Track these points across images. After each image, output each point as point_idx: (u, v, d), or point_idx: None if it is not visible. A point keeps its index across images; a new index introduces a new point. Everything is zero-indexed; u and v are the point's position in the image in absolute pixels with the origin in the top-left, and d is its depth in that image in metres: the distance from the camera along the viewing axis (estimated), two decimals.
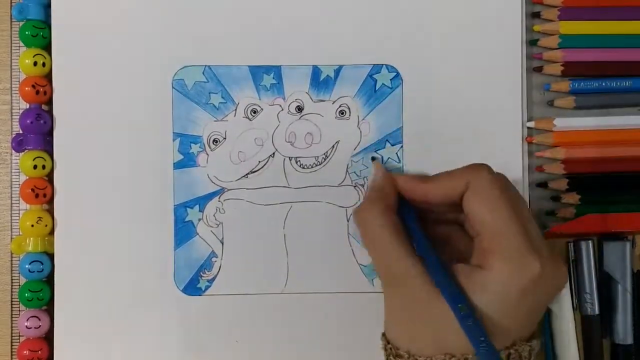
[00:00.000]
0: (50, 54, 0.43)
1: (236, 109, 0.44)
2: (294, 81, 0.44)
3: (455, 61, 0.44)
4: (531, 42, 0.44)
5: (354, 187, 0.44)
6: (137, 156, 0.43)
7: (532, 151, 0.44)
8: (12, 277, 0.44)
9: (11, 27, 0.44)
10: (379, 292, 0.43)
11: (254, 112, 0.44)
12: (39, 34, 0.42)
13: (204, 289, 0.43)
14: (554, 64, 0.44)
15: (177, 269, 0.43)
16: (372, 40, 0.44)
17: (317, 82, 0.44)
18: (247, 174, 0.44)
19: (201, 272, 0.43)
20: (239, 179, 0.44)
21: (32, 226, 0.42)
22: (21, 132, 0.43)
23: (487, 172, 0.36)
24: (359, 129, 0.44)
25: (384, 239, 0.36)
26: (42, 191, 0.43)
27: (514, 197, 0.36)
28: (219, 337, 0.43)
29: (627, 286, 0.43)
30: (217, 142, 0.43)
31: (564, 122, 0.44)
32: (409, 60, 0.44)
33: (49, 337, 0.43)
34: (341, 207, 0.44)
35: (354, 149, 0.44)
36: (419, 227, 0.37)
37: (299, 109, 0.44)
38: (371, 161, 0.43)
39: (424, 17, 0.44)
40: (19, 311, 0.43)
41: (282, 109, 0.44)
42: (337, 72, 0.44)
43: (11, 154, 0.44)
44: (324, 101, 0.44)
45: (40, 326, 0.42)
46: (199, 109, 0.43)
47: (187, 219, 0.43)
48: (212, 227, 0.43)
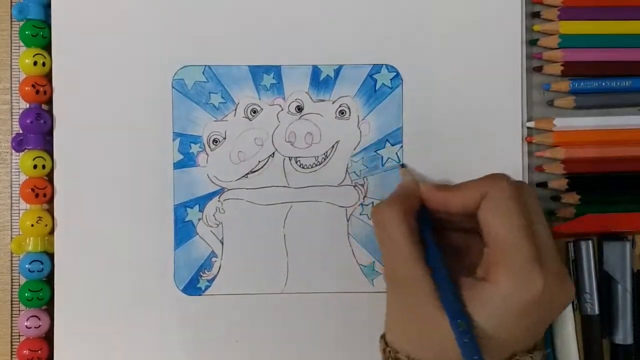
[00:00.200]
0: (50, 54, 0.43)
1: (236, 109, 0.44)
2: (294, 81, 0.44)
3: (455, 61, 0.44)
4: (531, 42, 0.44)
5: (354, 187, 0.44)
6: (137, 156, 0.43)
7: (532, 151, 0.44)
8: (12, 276, 0.44)
9: (11, 27, 0.44)
10: (379, 292, 0.43)
11: (254, 112, 0.44)
12: (39, 34, 0.43)
13: (204, 289, 0.43)
14: (554, 63, 0.44)
15: (177, 269, 0.43)
16: (372, 40, 0.44)
17: (317, 82, 0.44)
18: (247, 174, 0.44)
19: (201, 272, 0.43)
20: (239, 179, 0.44)
21: (32, 226, 0.42)
22: (21, 131, 0.43)
23: (505, 182, 0.36)
24: (359, 129, 0.44)
25: (398, 239, 0.36)
26: (42, 191, 0.43)
27: (531, 210, 0.35)
28: (219, 337, 0.43)
29: (627, 286, 0.43)
30: (217, 142, 0.43)
31: (564, 122, 0.44)
32: (409, 60, 0.44)
33: (49, 337, 0.43)
34: (341, 207, 0.44)
35: (354, 149, 0.44)
36: (434, 237, 0.37)
37: (299, 109, 0.44)
38: (400, 168, 0.43)
39: (424, 17, 0.44)
40: (19, 311, 0.43)
41: (282, 109, 0.44)
42: (337, 72, 0.44)
43: (11, 154, 0.44)
44: (324, 101, 0.44)
45: (40, 326, 0.42)
46: (199, 109, 0.43)
47: (187, 219, 0.43)
48: (212, 227, 0.43)
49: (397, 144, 0.44)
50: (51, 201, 0.43)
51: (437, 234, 0.38)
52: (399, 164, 0.43)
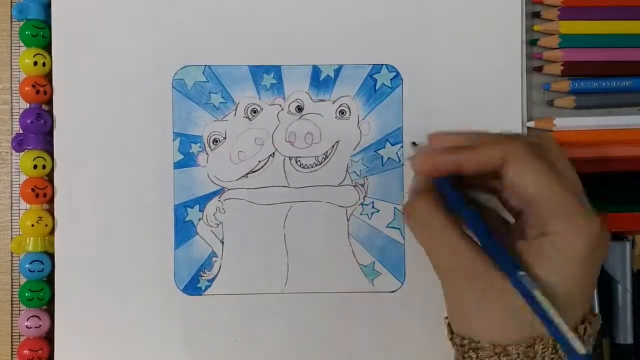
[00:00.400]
0: (50, 54, 0.43)
1: (236, 109, 0.44)
2: (294, 81, 0.44)
3: (455, 61, 0.44)
4: (531, 42, 0.44)
5: (354, 187, 0.44)
6: (137, 156, 0.43)
7: None
8: (12, 276, 0.44)
9: (11, 27, 0.44)
10: (379, 292, 0.43)
11: (254, 112, 0.44)
12: (39, 34, 0.43)
13: (204, 289, 0.43)
14: (554, 63, 0.44)
15: (177, 268, 0.43)
16: (372, 40, 0.44)
17: (317, 82, 0.44)
18: (247, 174, 0.44)
19: (201, 272, 0.43)
20: (239, 179, 0.44)
21: (32, 226, 0.42)
22: (21, 132, 0.43)
23: (526, 141, 0.35)
24: (359, 128, 0.44)
25: (444, 234, 0.35)
26: (42, 191, 0.43)
27: (558, 164, 0.35)
28: (219, 337, 0.43)
29: (627, 286, 0.43)
30: (217, 141, 0.43)
31: (564, 122, 0.44)
32: (409, 60, 0.44)
33: (49, 337, 0.43)
34: (341, 207, 0.44)
35: (354, 149, 0.44)
36: (474, 211, 0.36)
37: (299, 109, 0.44)
38: (412, 146, 0.42)
39: (424, 17, 0.44)
40: (19, 311, 0.43)
41: (282, 109, 0.44)
42: (337, 72, 0.44)
43: (11, 154, 0.44)
44: (324, 101, 0.44)
45: (40, 326, 0.42)
46: (199, 108, 0.43)
47: (187, 219, 0.43)
48: (212, 226, 0.43)
49: (397, 144, 0.44)
50: (51, 201, 0.43)
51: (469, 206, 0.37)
52: (411, 143, 0.42)
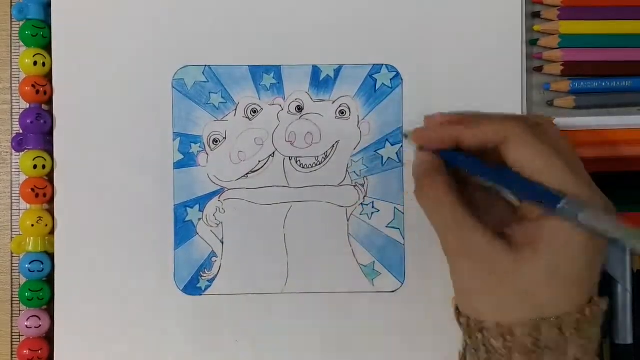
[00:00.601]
0: (50, 54, 0.43)
1: (236, 109, 0.44)
2: (294, 81, 0.44)
3: (455, 61, 0.44)
4: (531, 42, 0.44)
5: (354, 187, 0.44)
6: (137, 156, 0.43)
7: None
8: (12, 276, 0.44)
9: (11, 27, 0.44)
10: (379, 292, 0.43)
11: (254, 112, 0.44)
12: (39, 34, 0.43)
13: (204, 289, 0.43)
14: (554, 63, 0.44)
15: (177, 268, 0.43)
16: (372, 40, 0.44)
17: (317, 82, 0.44)
18: (247, 174, 0.44)
19: (201, 272, 0.43)
20: (239, 179, 0.44)
21: (32, 226, 0.42)
22: (21, 131, 0.43)
23: (525, 121, 0.37)
24: (359, 128, 0.44)
25: (455, 215, 0.36)
26: (42, 191, 0.43)
27: (559, 143, 0.37)
28: (219, 337, 0.43)
29: (627, 286, 0.43)
30: (217, 141, 0.43)
31: (564, 122, 0.44)
32: (409, 60, 0.44)
33: (49, 337, 0.43)
34: (341, 207, 0.44)
35: (354, 149, 0.44)
36: (482, 163, 0.38)
37: (299, 109, 0.44)
38: (404, 139, 0.43)
39: (424, 17, 0.44)
40: (19, 311, 0.44)
41: (282, 109, 0.44)
42: (337, 71, 0.44)
43: (11, 154, 0.44)
44: (324, 101, 0.44)
45: (40, 326, 0.42)
46: (199, 108, 0.43)
47: (187, 219, 0.43)
48: (212, 226, 0.43)
49: (397, 144, 0.44)
50: (51, 201, 0.43)
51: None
52: (403, 134, 0.43)
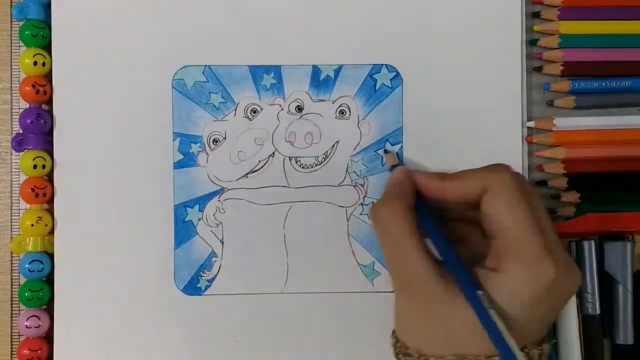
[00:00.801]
0: (50, 54, 0.43)
1: (236, 109, 0.44)
2: (294, 81, 0.44)
3: (455, 61, 0.44)
4: (531, 42, 0.44)
5: (354, 187, 0.44)
6: (137, 156, 0.43)
7: (532, 151, 0.44)
8: (12, 276, 0.44)
9: (11, 27, 0.44)
10: (379, 292, 0.43)
11: (254, 112, 0.44)
12: (39, 34, 0.43)
13: (203, 289, 0.43)
14: (554, 63, 0.44)
15: (177, 268, 0.43)
16: (372, 40, 0.44)
17: (317, 82, 0.44)
18: (247, 174, 0.44)
19: (201, 272, 0.43)
20: (239, 179, 0.44)
21: (32, 226, 0.42)
22: (21, 131, 0.43)
23: (508, 173, 0.35)
24: (359, 128, 0.44)
25: (402, 239, 0.35)
26: (42, 191, 0.43)
27: (534, 201, 0.35)
28: (219, 337, 0.43)
29: (627, 286, 0.43)
30: (217, 141, 0.43)
31: (564, 122, 0.44)
32: (409, 60, 0.44)
33: (49, 337, 0.43)
34: (341, 207, 0.44)
35: (354, 149, 0.44)
36: (438, 227, 0.37)
37: (299, 109, 0.44)
38: (384, 154, 0.43)
39: (424, 17, 0.44)
40: (19, 311, 0.43)
41: (282, 109, 0.44)
42: (337, 72, 0.44)
43: (11, 154, 0.44)
44: (324, 101, 0.44)
45: (40, 326, 0.42)
46: (199, 108, 0.43)
47: (187, 219, 0.43)
48: (212, 227, 0.43)
49: (397, 144, 0.44)
50: (51, 201, 0.43)
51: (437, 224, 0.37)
52: (382, 150, 0.43)
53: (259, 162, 0.44)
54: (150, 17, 0.43)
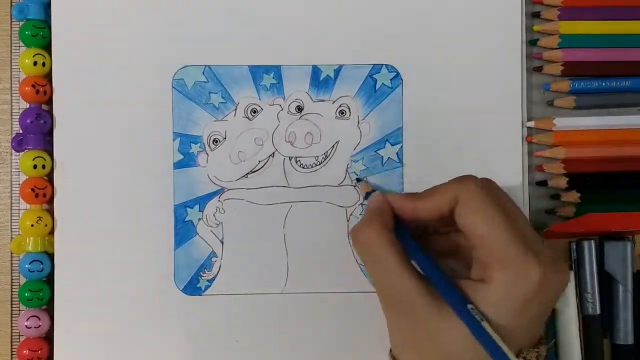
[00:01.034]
0: (50, 54, 0.43)
1: (236, 109, 0.44)
2: (293, 81, 0.44)
3: (455, 61, 0.44)
4: (531, 42, 0.44)
5: (354, 187, 0.44)
6: (137, 156, 0.43)
7: (532, 151, 0.44)
8: (12, 276, 0.44)
9: (11, 27, 0.44)
10: None
11: (254, 112, 0.44)
12: (39, 34, 0.43)
13: (203, 289, 0.43)
14: (554, 63, 0.44)
15: (177, 268, 0.43)
16: (372, 40, 0.44)
17: (317, 82, 0.44)
18: (247, 174, 0.44)
19: (201, 272, 0.43)
20: (239, 179, 0.44)
21: (32, 226, 0.42)
22: (21, 131, 0.43)
23: (474, 183, 0.35)
24: (359, 128, 0.44)
25: (386, 260, 0.35)
26: (42, 191, 0.43)
27: (506, 204, 0.35)
28: (219, 337, 0.43)
29: (627, 286, 0.43)
30: (217, 142, 0.43)
31: (564, 122, 0.44)
32: (409, 60, 0.44)
33: (49, 337, 0.43)
34: (341, 207, 0.44)
35: (354, 149, 0.44)
36: (419, 245, 0.37)
37: (299, 109, 0.44)
38: (357, 183, 0.43)
39: (424, 17, 0.44)
40: (19, 311, 0.43)
41: (282, 109, 0.44)
42: (337, 72, 0.44)
43: (11, 154, 0.44)
44: (324, 101, 0.44)
45: (40, 326, 0.42)
46: (199, 108, 0.43)
47: (187, 219, 0.43)
48: (212, 227, 0.43)
49: (397, 144, 0.44)
50: (51, 201, 0.43)
51: (422, 240, 0.37)
52: (355, 179, 0.43)
53: (259, 162, 0.44)
54: (150, 17, 0.43)
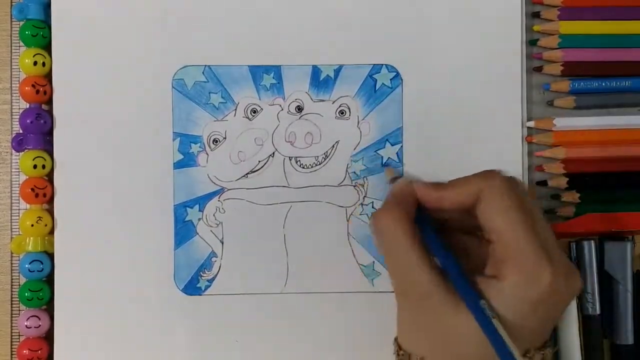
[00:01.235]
0: (50, 54, 0.43)
1: (236, 109, 0.44)
2: (293, 81, 0.44)
3: (455, 61, 0.44)
4: (531, 42, 0.44)
5: (354, 187, 0.44)
6: (137, 156, 0.43)
7: (532, 151, 0.44)
8: (12, 276, 0.44)
9: (11, 27, 0.44)
10: (379, 292, 0.43)
11: (254, 112, 0.44)
12: (39, 34, 0.43)
13: (203, 289, 0.43)
14: (554, 63, 0.44)
15: (177, 268, 0.43)
16: (372, 40, 0.44)
17: (317, 82, 0.44)
18: (247, 174, 0.44)
19: (201, 272, 0.43)
20: (239, 179, 0.44)
21: (32, 226, 0.42)
22: (21, 131, 0.43)
23: (500, 179, 0.35)
24: (359, 128, 0.44)
25: (403, 248, 0.35)
26: (42, 191, 0.43)
27: (528, 205, 0.35)
28: (219, 337, 0.43)
29: (627, 286, 0.43)
30: (217, 141, 0.43)
31: (564, 122, 0.44)
32: (409, 60, 0.44)
33: (48, 337, 0.43)
34: (341, 207, 0.44)
35: (354, 149, 0.44)
36: (440, 237, 0.37)
37: (299, 109, 0.44)
38: (384, 168, 0.43)
39: (423, 17, 0.44)
40: (19, 311, 0.43)
41: (282, 109, 0.44)
42: (337, 72, 0.44)
43: (11, 154, 0.44)
44: (323, 101, 0.44)
45: (40, 326, 0.42)
46: (199, 108, 0.43)
47: (187, 219, 0.43)
48: (212, 226, 0.43)
49: (397, 144, 0.44)
50: (51, 201, 0.43)
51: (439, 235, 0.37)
52: (383, 165, 0.43)
53: (259, 162, 0.44)
54: (150, 17, 0.43)
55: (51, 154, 0.43)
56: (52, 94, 0.43)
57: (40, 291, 0.42)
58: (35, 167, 0.42)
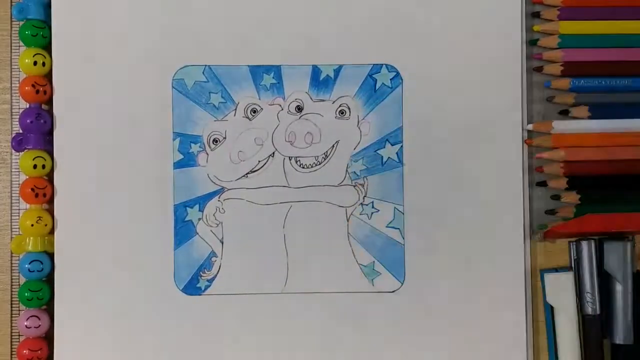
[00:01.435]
0: (50, 54, 0.43)
1: (236, 109, 0.44)
2: (293, 81, 0.44)
3: (455, 61, 0.44)
4: (531, 42, 0.44)
5: (354, 187, 0.44)
6: (137, 156, 0.43)
7: (532, 151, 0.44)
8: (12, 276, 0.44)
9: (11, 27, 0.44)
10: (379, 292, 0.43)
11: (254, 112, 0.44)
12: (39, 34, 0.43)
13: (203, 289, 0.43)
14: (554, 63, 0.44)
15: (177, 268, 0.43)
16: (372, 40, 0.44)
17: (317, 82, 0.44)
18: (247, 174, 0.44)
19: (201, 272, 0.43)
20: (238, 179, 0.44)
21: (32, 226, 0.42)
22: (21, 131, 0.43)
23: None
24: (359, 128, 0.44)
25: None
26: (42, 191, 0.43)
27: None
28: (219, 337, 0.43)
29: (627, 286, 0.43)
30: (217, 141, 0.43)
31: (563, 125, 0.44)
32: (409, 60, 0.44)
33: (48, 337, 0.43)
34: (341, 207, 0.44)
35: (354, 149, 0.44)
36: None
37: (299, 109, 0.44)
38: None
39: (424, 17, 0.44)
40: (19, 311, 0.43)
41: (282, 109, 0.44)
42: (337, 71, 0.44)
43: (11, 154, 0.44)
44: (323, 101, 0.44)
45: (40, 326, 0.42)
46: (199, 108, 0.43)
47: (187, 219, 0.43)
48: (212, 226, 0.43)
49: (397, 143, 0.44)
50: (51, 201, 0.43)
51: None
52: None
53: (259, 162, 0.44)
54: (150, 17, 0.43)
55: (51, 154, 0.43)
56: (52, 94, 0.43)
57: (40, 291, 0.42)
58: (35, 167, 0.42)
